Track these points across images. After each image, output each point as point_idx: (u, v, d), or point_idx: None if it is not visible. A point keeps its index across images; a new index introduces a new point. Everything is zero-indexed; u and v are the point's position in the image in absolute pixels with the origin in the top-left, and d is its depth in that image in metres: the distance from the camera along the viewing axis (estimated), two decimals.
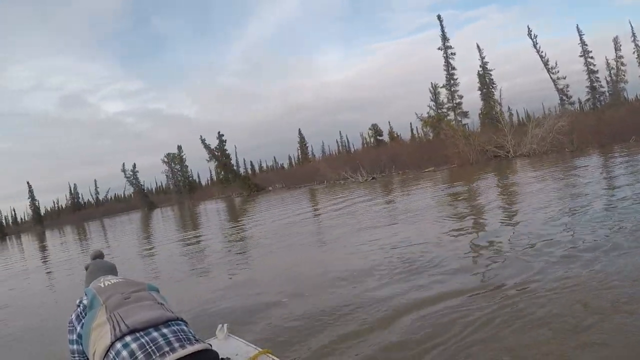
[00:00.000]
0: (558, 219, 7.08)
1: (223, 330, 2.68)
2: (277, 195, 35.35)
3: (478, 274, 5.08)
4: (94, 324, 1.83)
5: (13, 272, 15.05)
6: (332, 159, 45.88)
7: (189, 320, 3.55)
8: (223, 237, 13.98)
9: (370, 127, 50.89)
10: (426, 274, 5.30)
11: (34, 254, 23.04)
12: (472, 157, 28.91)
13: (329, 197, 22.18)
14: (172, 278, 8.25)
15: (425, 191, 16.43)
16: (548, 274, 4.50)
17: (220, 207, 34.52)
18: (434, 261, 5.81)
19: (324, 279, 5.89)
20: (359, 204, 15.91)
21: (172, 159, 74.37)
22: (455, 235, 7.42)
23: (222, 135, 59.73)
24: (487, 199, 11.71)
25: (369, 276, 5.63)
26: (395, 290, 4.89)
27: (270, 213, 19.55)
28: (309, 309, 4.74)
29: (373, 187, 24.30)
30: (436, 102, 41.81)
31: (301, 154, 69.95)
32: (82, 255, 16.46)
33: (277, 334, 4.17)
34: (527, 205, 9.05)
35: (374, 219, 10.93)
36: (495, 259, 5.52)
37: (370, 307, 4.47)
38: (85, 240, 25.65)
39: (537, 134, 27.06)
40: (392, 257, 6.37)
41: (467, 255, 6.01)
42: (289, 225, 13.11)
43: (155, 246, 15.68)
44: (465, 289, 4.50)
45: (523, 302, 3.92)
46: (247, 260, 8.83)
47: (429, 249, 6.58)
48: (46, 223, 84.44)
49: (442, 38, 41.84)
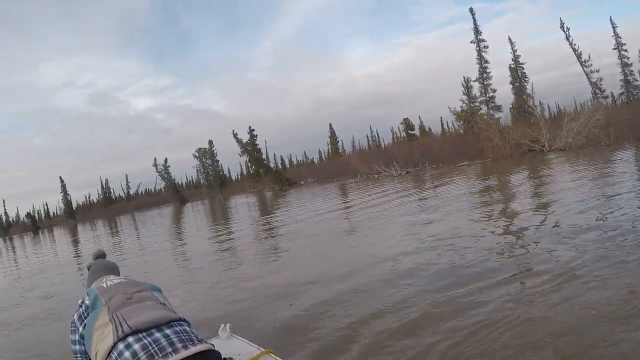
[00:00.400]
0: (597, 210, 7.16)
1: (226, 330, 2.72)
2: (309, 190, 35.61)
3: (518, 260, 5.23)
4: (96, 324, 1.86)
5: (50, 265, 15.25)
6: (364, 153, 46.13)
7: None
8: (258, 230, 13.92)
9: (401, 122, 51.23)
10: (469, 265, 5.37)
11: (67, 247, 23.37)
12: (507, 151, 28.95)
13: (364, 191, 22.15)
14: (201, 270, 8.40)
15: (461, 185, 16.51)
16: (592, 262, 4.57)
17: (252, 201, 34.71)
18: (476, 252, 5.86)
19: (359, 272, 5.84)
20: (396, 197, 15.90)
21: (203, 153, 75.26)
22: (494, 225, 7.62)
23: (253, 130, 60.34)
24: (525, 192, 11.75)
25: (416, 269, 5.64)
26: (440, 278, 4.98)
27: (303, 207, 19.61)
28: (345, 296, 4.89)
29: (408, 181, 24.41)
30: (468, 96, 41.73)
31: (332, 148, 70.51)
32: (115, 247, 17.12)
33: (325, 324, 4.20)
34: (567, 197, 9.08)
35: (413, 213, 10.89)
36: (534, 247, 5.62)
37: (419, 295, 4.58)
38: (117, 234, 25.98)
39: (573, 127, 26.88)
40: (435, 249, 6.43)
41: (505, 243, 6.15)
42: (326, 219, 13.09)
43: (187, 238, 15.92)
44: (506, 276, 4.64)
45: (570, 287, 4.02)
46: (287, 254, 8.64)
47: (471, 241, 6.60)
48: (78, 217, 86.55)
49: (475, 31, 41.64)
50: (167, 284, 7.00)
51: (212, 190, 71.71)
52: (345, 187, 29.59)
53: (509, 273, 4.73)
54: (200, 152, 75.39)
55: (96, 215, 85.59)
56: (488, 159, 29.49)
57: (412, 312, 4.08)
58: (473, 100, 41.37)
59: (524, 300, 3.92)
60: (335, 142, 69.79)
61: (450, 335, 3.44)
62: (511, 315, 3.62)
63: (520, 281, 4.46)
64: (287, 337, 4.04)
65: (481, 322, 3.57)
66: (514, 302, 3.89)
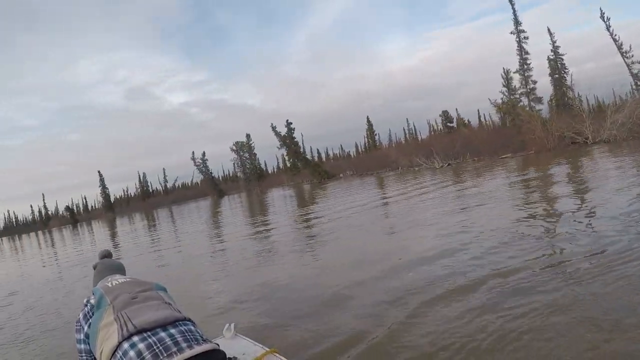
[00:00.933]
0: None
1: (230, 330, 2.74)
2: (348, 182, 35.41)
3: (567, 245, 5.40)
4: (101, 323, 1.86)
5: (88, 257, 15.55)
6: (404, 145, 46.40)
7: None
8: (300, 223, 13.67)
9: (440, 114, 51.35)
10: (521, 250, 5.50)
11: (108, 239, 23.78)
12: (550, 144, 29.00)
13: (407, 184, 21.95)
14: (240, 264, 8.47)
15: (505, 176, 16.44)
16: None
17: (291, 194, 34.46)
18: (532, 240, 5.93)
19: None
20: (442, 189, 15.77)
21: (240, 147, 75.46)
22: (544, 216, 7.62)
23: (291, 123, 60.31)
24: (571, 184, 11.59)
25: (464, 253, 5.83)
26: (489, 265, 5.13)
27: (346, 199, 19.37)
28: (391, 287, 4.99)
29: (451, 173, 24.31)
30: (508, 88, 41.44)
31: (369, 141, 70.82)
32: (152, 240, 17.46)
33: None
34: (612, 188, 9.00)
35: (460, 205, 10.79)
36: (581, 235, 5.70)
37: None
38: (154, 227, 25.91)
39: (617, 119, 26.75)
40: (485, 239, 6.49)
41: (553, 230, 6.32)
42: (374, 210, 13.08)
43: (226, 232, 15.84)
44: (552, 262, 4.79)
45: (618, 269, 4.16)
46: (331, 247, 8.52)
47: (519, 230, 6.67)
48: (116, 210, 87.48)
49: (514, 22, 41.08)
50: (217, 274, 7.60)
51: (249, 184, 71.73)
52: (386, 180, 29.55)
53: (557, 260, 4.87)
54: (237, 145, 75.55)
55: (134, 208, 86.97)
56: (531, 151, 29.60)
57: (474, 298, 4.19)
58: (513, 92, 41.06)
59: (576, 281, 4.12)
60: (373, 135, 70.06)
61: (510, 313, 3.66)
62: (569, 295, 3.82)
63: (570, 264, 4.64)
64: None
65: (551, 301, 3.75)
66: (568, 283, 4.08)
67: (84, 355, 2.02)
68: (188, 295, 6.40)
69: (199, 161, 74.08)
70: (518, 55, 41.27)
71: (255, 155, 76.15)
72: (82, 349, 2.02)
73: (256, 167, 76.44)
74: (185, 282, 7.66)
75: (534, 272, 4.54)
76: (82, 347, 2.01)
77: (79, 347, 2.03)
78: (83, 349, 2.01)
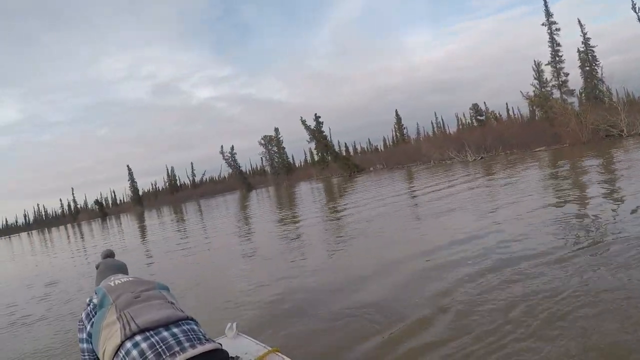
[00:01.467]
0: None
1: (232, 329, 2.73)
2: (379, 176, 35.17)
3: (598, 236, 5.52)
4: (103, 322, 1.87)
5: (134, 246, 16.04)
6: (435, 138, 46.46)
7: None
8: (334, 218, 13.19)
9: (470, 107, 51.17)
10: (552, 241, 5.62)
11: (137, 233, 23.73)
12: (584, 137, 29.03)
13: (441, 177, 21.51)
14: (265, 256, 8.57)
15: (542, 170, 16.33)
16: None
17: (322, 188, 33.97)
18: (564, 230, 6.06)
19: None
20: (478, 182, 15.62)
21: (268, 141, 75.45)
22: (581, 207, 7.74)
23: (319, 117, 60.06)
24: (608, 177, 11.42)
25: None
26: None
27: (377, 192, 19.01)
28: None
29: (485, 166, 24.10)
30: (540, 80, 41.22)
31: (398, 134, 70.91)
32: (180, 233, 17.64)
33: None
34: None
35: (499, 196, 10.81)
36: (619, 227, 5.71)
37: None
38: (182, 221, 25.93)
39: None
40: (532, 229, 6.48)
41: (585, 223, 6.39)
42: (413, 204, 12.88)
43: (255, 225, 15.89)
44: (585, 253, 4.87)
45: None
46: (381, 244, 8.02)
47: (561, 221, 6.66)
48: (144, 204, 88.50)
49: (546, 13, 40.83)
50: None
51: (277, 177, 72.26)
52: (420, 173, 29.07)
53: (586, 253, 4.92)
54: (266, 139, 75.59)
55: (162, 202, 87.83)
56: (565, 145, 29.69)
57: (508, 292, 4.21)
58: (544, 85, 40.84)
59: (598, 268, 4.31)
60: (402, 128, 70.10)
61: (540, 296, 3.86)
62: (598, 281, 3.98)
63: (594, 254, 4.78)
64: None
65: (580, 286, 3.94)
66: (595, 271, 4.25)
67: (86, 354, 2.04)
68: (217, 287, 6.74)
69: (228, 155, 73.53)
70: (550, 47, 41.05)
71: (284, 149, 76.10)
72: (84, 348, 2.04)
73: (284, 161, 76.52)
74: (216, 274, 7.92)
75: (582, 259, 4.68)
76: (84, 346, 2.03)
77: (82, 346, 2.05)
78: (86, 348, 2.03)
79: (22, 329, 6.32)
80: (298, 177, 68.93)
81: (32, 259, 21.12)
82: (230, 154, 73.55)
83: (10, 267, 19.06)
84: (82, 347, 2.04)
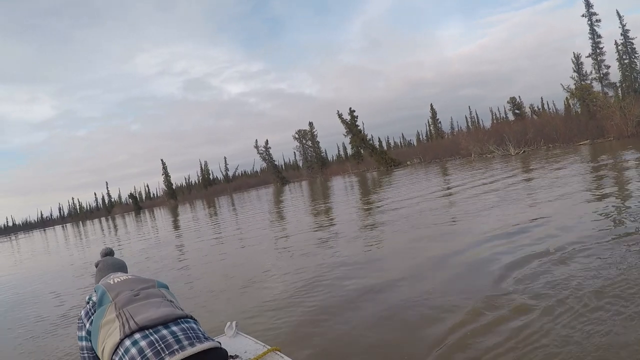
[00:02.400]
0: None
1: (232, 328, 2.72)
2: (418, 170, 34.42)
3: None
4: (103, 320, 1.89)
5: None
6: (475, 132, 46.38)
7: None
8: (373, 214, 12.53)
9: (507, 101, 51.18)
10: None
11: (170, 226, 23.50)
12: (629, 130, 29.07)
13: (492, 170, 20.59)
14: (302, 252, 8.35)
15: (590, 164, 16.06)
16: None
17: (359, 182, 33.04)
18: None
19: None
20: (527, 176, 15.29)
21: (302, 135, 76.14)
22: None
23: (354, 110, 60.79)
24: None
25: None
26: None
27: (422, 186, 18.48)
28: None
29: (530, 160, 23.42)
30: (579, 73, 41.00)
31: (433, 128, 70.99)
32: (215, 227, 17.49)
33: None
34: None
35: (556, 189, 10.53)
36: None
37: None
38: (215, 215, 25.67)
39: None
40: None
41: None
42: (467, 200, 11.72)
43: (289, 217, 15.88)
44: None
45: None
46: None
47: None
48: (178, 198, 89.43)
49: (586, 4, 40.53)
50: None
51: (312, 172, 72.82)
52: (462, 167, 28.19)
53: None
54: (300, 133, 76.31)
55: (195, 195, 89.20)
56: (609, 138, 29.71)
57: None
58: (584, 78, 40.61)
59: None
60: (437, 122, 70.15)
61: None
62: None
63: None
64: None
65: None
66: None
67: (85, 352, 2.05)
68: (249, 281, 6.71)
69: (262, 149, 74.36)
70: (590, 39, 40.82)
71: (318, 143, 76.33)
72: (83, 346, 2.05)
73: (319, 155, 76.76)
74: (254, 267, 7.85)
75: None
76: (83, 344, 2.04)
77: (81, 344, 2.05)
78: (85, 346, 2.04)
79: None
80: (332, 171, 69.00)
81: (78, 249, 21.43)
82: (264, 148, 74.39)
83: (55, 258, 18.86)
84: (81, 345, 2.06)
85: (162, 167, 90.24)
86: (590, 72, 40.51)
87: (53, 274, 12.49)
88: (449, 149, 45.61)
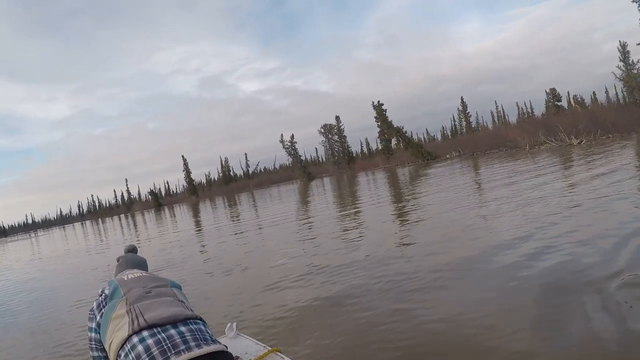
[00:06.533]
0: None
1: (232, 329, 2.73)
2: (463, 163, 32.80)
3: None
4: (113, 314, 1.91)
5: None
6: (525, 123, 45.58)
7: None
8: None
9: (547, 92, 50.77)
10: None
11: (192, 224, 22.90)
12: None
13: (555, 165, 18.01)
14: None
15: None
16: None
17: (398, 177, 30.56)
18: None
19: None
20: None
21: (328, 129, 76.51)
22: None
23: (382, 104, 60.21)
24: None
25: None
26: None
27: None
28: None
29: (598, 151, 20.56)
30: (626, 63, 40.59)
31: (465, 122, 70.67)
32: (235, 227, 16.66)
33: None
34: None
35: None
36: None
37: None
38: (236, 212, 25.18)
39: None
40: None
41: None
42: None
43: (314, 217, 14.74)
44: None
45: None
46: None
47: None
48: (199, 194, 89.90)
49: None
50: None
51: (339, 167, 72.75)
52: (523, 161, 23.77)
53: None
54: (325, 128, 76.68)
55: (216, 192, 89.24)
56: None
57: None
58: (631, 67, 40.16)
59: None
60: (467, 116, 69.79)
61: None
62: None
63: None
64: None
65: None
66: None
67: (93, 343, 2.09)
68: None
69: (288, 144, 74.20)
70: None
71: (345, 137, 76.27)
72: (92, 337, 2.08)
73: (346, 150, 76.62)
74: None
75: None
76: (92, 335, 2.08)
77: (90, 335, 2.09)
78: (93, 337, 2.07)
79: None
80: (360, 166, 68.72)
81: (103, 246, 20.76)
82: (290, 143, 74.24)
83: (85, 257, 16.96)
84: (90, 336, 2.09)
85: (183, 163, 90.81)
86: (638, 61, 40.05)
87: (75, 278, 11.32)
88: (491, 141, 45.01)
